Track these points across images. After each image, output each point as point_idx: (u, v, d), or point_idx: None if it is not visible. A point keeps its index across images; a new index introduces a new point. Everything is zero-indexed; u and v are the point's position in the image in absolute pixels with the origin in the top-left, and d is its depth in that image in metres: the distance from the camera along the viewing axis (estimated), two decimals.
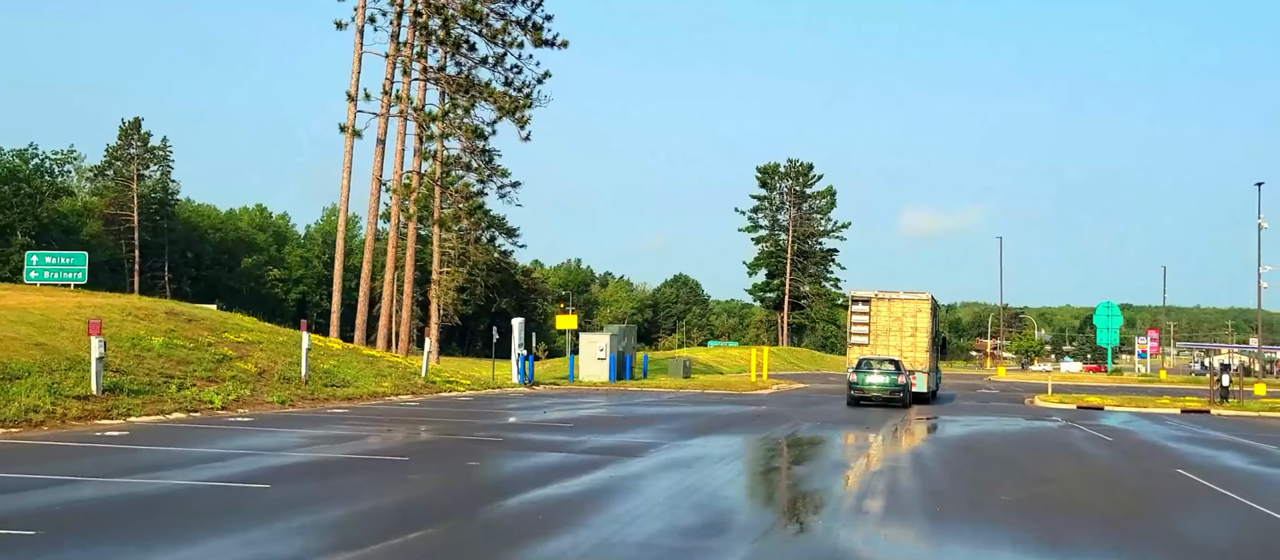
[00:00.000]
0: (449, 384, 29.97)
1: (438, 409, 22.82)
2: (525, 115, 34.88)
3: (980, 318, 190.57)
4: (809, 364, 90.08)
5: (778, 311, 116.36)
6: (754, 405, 28.47)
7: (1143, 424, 26.29)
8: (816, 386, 46.24)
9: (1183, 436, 21.94)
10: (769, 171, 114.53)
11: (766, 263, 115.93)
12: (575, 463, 13.86)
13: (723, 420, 22.13)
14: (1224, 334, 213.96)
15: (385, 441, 15.94)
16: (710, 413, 24.53)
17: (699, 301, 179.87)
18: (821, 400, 33.03)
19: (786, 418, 23.61)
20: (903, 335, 32.66)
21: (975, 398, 41.10)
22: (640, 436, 17.65)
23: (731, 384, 39.63)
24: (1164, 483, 13.98)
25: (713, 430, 19.37)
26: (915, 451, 16.81)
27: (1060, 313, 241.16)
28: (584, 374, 38.40)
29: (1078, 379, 77.29)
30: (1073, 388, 53.20)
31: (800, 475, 13.98)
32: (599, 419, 21.65)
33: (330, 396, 23.70)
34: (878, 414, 26.82)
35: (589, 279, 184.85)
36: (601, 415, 22.73)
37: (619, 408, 25.51)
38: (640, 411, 24.31)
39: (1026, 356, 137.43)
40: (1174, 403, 37.08)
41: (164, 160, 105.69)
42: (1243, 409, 34.89)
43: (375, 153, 34.79)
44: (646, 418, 22.23)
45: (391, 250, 37.09)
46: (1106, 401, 36.79)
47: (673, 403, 28.38)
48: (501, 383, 33.43)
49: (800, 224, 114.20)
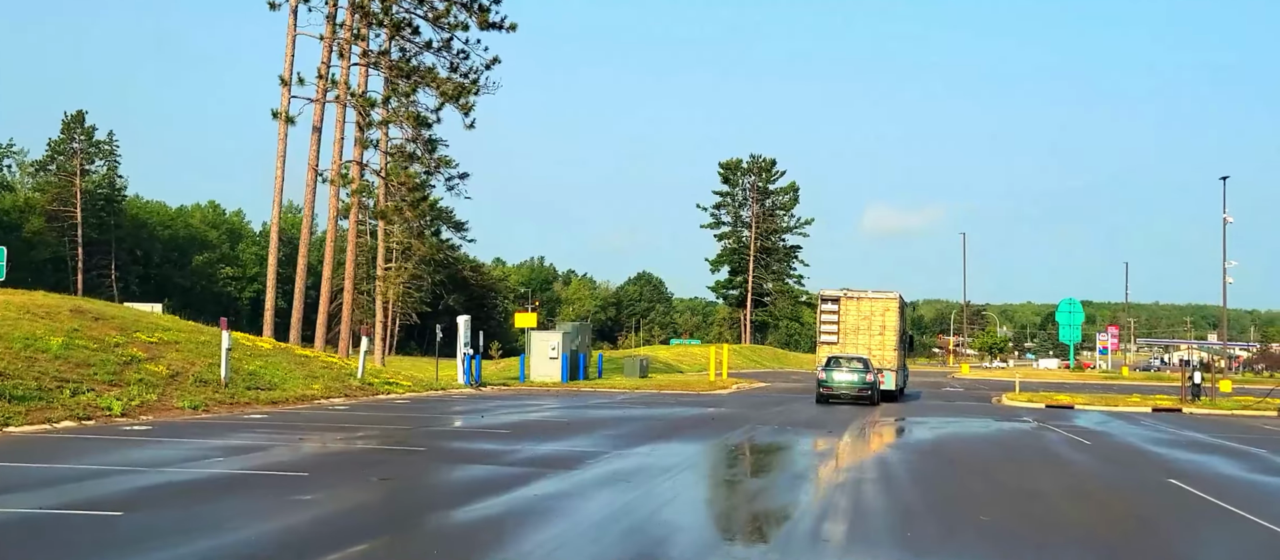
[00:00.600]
0: (388, 386, 28.14)
1: (367, 414, 21.03)
2: (469, 101, 33.06)
3: (942, 315, 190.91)
4: (771, 362, 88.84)
5: (740, 309, 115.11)
6: (710, 407, 26.94)
7: (1118, 425, 25.06)
8: (778, 385, 44.84)
9: (1164, 439, 20.66)
10: (732, 167, 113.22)
11: (729, 260, 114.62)
12: (501, 478, 12.21)
13: (675, 424, 20.55)
14: (1183, 330, 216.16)
15: (291, 453, 14.17)
16: (663, 415, 22.94)
17: (662, 299, 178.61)
18: (782, 400, 31.57)
19: (743, 420, 22.08)
20: (871, 334, 32.67)
21: (941, 396, 39.91)
22: (581, 445, 16.02)
23: (690, 383, 38.09)
24: (1159, 496, 12.56)
25: (662, 436, 17.77)
26: (881, 459, 15.30)
27: (1021, 310, 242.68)
28: (536, 374, 36.67)
29: (1041, 375, 76.62)
30: (1040, 385, 52.26)
31: (752, 491, 12.41)
32: (540, 424, 19.98)
33: (252, 400, 21.82)
34: (843, 414, 25.41)
35: (552, 277, 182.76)
36: (544, 420, 21.06)
37: (566, 411, 23.85)
38: (588, 415, 22.66)
39: (992, 353, 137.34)
40: (1145, 401, 36.06)
41: (110, 155, 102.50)
42: (1215, 407, 33.89)
43: (311, 141, 32.84)
44: (593, 422, 20.60)
45: (329, 245, 35.13)
46: (1076, 400, 35.67)
47: (625, 404, 26.77)
48: (446, 384, 31.63)
49: (763, 220, 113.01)
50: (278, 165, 31.82)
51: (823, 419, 23.56)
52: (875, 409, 28.98)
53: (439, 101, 33.18)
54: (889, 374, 32.12)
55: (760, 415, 24.28)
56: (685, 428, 19.78)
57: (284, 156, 31.91)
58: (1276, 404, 33.57)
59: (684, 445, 16.53)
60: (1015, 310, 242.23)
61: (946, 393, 44.51)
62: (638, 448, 15.68)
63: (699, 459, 14.71)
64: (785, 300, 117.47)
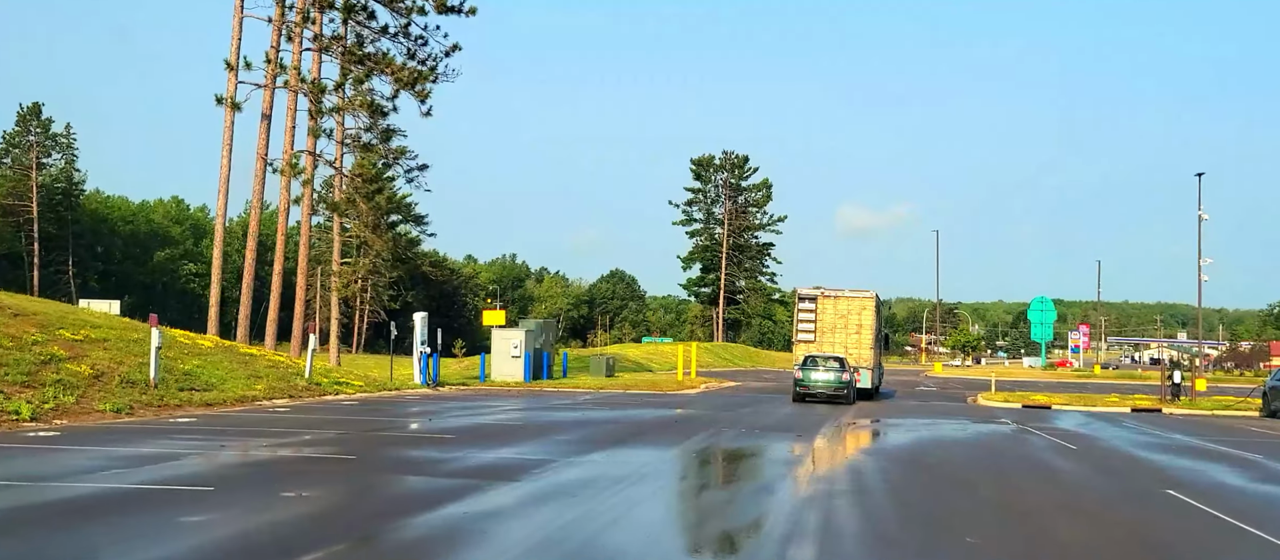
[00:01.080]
0: (338, 386, 26.67)
1: (306, 417, 19.59)
2: (425, 89, 31.59)
3: (915, 313, 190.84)
4: (743, 360, 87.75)
5: (713, 307, 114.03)
6: (676, 408, 25.68)
7: (1101, 427, 24.02)
8: (749, 384, 43.66)
9: (1152, 443, 19.60)
10: (704, 163, 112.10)
11: (701, 257, 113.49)
12: (430, 493, 10.89)
13: (636, 427, 19.26)
14: (1152, 329, 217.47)
15: (202, 464, 12.75)
16: (625, 418, 21.64)
17: (636, 297, 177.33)
18: (752, 401, 30.36)
19: (709, 423, 20.82)
20: (848, 332, 32.80)
21: (915, 396, 38.90)
22: (530, 451, 14.70)
23: (657, 383, 36.81)
24: (1160, 511, 11.40)
25: (620, 441, 16.48)
26: (855, 469, 14.08)
27: (992, 308, 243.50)
28: (497, 373, 35.26)
29: (1013, 374, 75.89)
30: (1015, 384, 51.41)
31: (710, 507, 11.15)
32: (491, 428, 18.63)
33: (183, 403, 20.32)
34: (815, 415, 24.24)
35: (524, 274, 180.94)
36: (497, 423, 19.71)
37: (523, 413, 22.50)
38: (544, 418, 21.33)
39: (965, 352, 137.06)
40: (1123, 401, 35.17)
41: (67, 148, 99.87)
42: (1195, 408, 33.04)
43: (260, 129, 31.20)
44: (548, 426, 19.27)
45: (280, 238, 33.53)
46: (1053, 400, 34.72)
47: (586, 405, 25.46)
48: (401, 384, 30.18)
49: (735, 217, 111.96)
50: (223, 154, 30.15)
51: (793, 421, 22.36)
52: (850, 408, 27.91)
53: (394, 88, 31.73)
54: (865, 372, 32.13)
55: (727, 417, 23.04)
56: (646, 432, 18.49)
57: (231, 145, 30.26)
58: (1258, 404, 32.74)
59: (641, 452, 15.24)
60: (986, 309, 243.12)
61: (920, 392, 43.54)
62: (591, 455, 14.38)
63: (655, 468, 13.42)
64: (758, 298, 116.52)
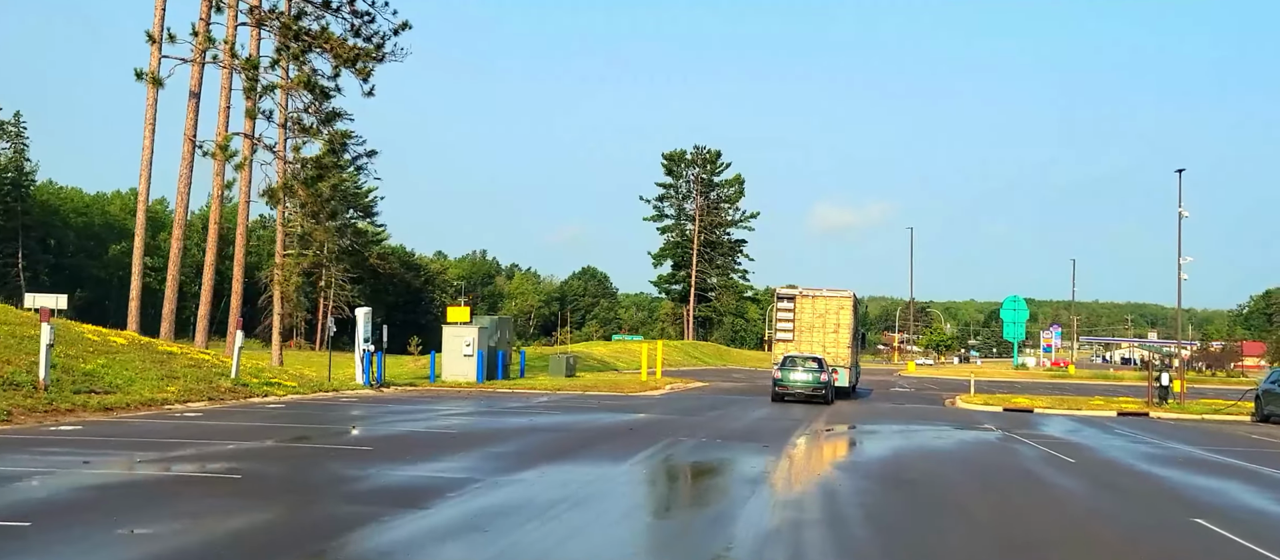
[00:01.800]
0: (268, 387, 24.46)
1: (216, 424, 17.43)
2: (368, 67, 29.36)
3: (887, 312, 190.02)
4: (714, 359, 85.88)
5: (684, 304, 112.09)
6: (636, 411, 23.69)
7: (1092, 434, 22.25)
8: (717, 385, 41.74)
9: (1156, 455, 17.80)
10: (675, 158, 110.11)
11: (672, 253, 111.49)
12: (312, 527, 8.86)
13: (585, 437, 17.24)
14: (1122, 328, 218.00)
15: (45, 487, 10.61)
16: (576, 425, 19.62)
17: (607, 294, 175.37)
18: (718, 403, 28.42)
19: (669, 430, 18.85)
20: (826, 331, 33.01)
21: (890, 397, 37.15)
22: (455, 468, 12.67)
23: (619, 384, 34.79)
24: (1195, 548, 9.51)
25: (563, 454, 14.46)
26: (829, 489, 12.13)
27: (965, 307, 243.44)
28: (449, 373, 33.10)
29: (982, 373, 74.27)
30: (990, 384, 49.87)
31: (655, 543, 9.17)
32: (420, 438, 16.56)
33: (78, 406, 18.08)
34: (787, 420, 22.34)
35: (495, 271, 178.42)
36: (430, 432, 17.64)
37: (465, 418, 20.42)
38: (486, 424, 19.27)
39: (940, 351, 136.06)
40: (1108, 404, 33.57)
41: (17, 137, 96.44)
42: (1184, 412, 31.47)
43: (187, 108, 28.83)
44: (488, 435, 17.22)
45: (213, 227, 31.24)
46: (1036, 403, 33.07)
47: (539, 409, 23.41)
48: (341, 385, 28.00)
49: (707, 213, 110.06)
50: (145, 134, 27.76)
51: (761, 427, 20.43)
52: (824, 412, 26.19)
53: (335, 66, 29.47)
54: (843, 371, 32.36)
55: (690, 422, 21.07)
56: (595, 441, 16.47)
57: (153, 124, 27.86)
58: (1249, 408, 31.20)
59: (584, 468, 13.23)
60: (959, 307, 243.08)
61: (895, 393, 41.81)
62: (524, 472, 12.36)
63: (596, 490, 11.41)
64: (730, 295, 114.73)
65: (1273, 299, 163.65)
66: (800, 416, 24.42)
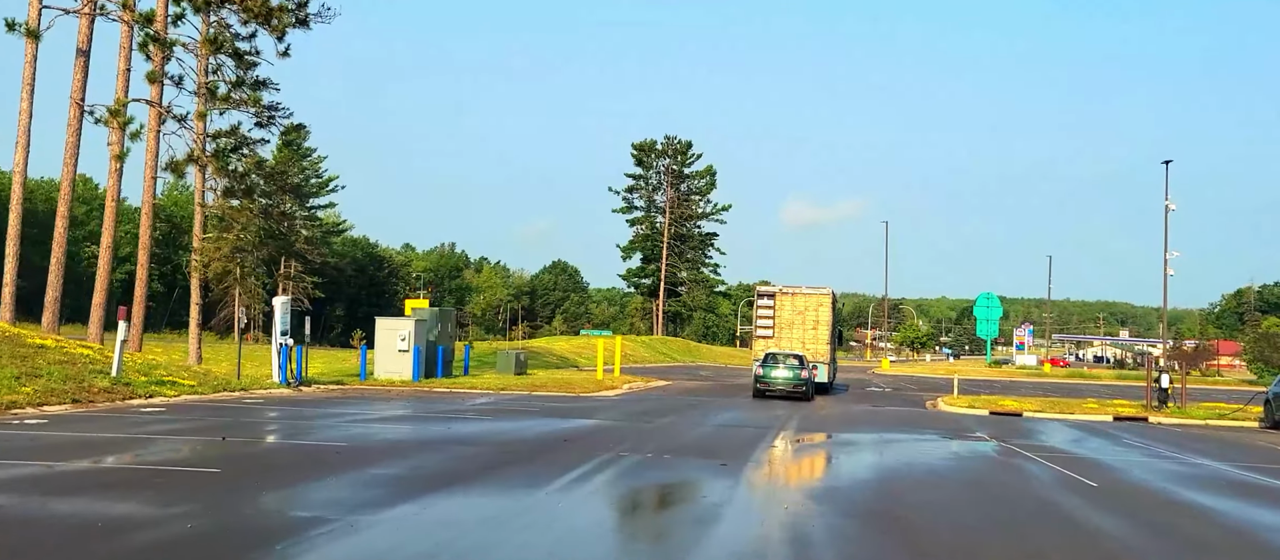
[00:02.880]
0: (157, 387, 21.20)
1: (56, 436, 14.24)
2: (282, 23, 26.06)
3: (860, 308, 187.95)
4: (683, 355, 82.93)
5: (653, 299, 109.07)
6: (583, 417, 20.65)
7: (1100, 445, 19.43)
8: (682, 384, 38.78)
9: (1189, 475, 14.95)
10: (645, 149, 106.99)
11: (642, 246, 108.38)
12: None
13: (506, 452, 14.17)
14: (1093, 327, 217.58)
15: None
16: (501, 435, 16.56)
17: (578, 289, 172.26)
18: (679, 406, 25.41)
19: (613, 441, 15.83)
20: (805, 328, 33.45)
21: (867, 398, 34.35)
22: (311, 499, 9.65)
23: (572, 383, 31.69)
24: None
25: (466, 478, 11.42)
26: (799, 534, 9.13)
27: (937, 304, 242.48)
28: (381, 370, 29.87)
29: (959, 371, 71.46)
30: (970, 384, 47.25)
31: None
32: (296, 454, 13.45)
33: None
34: (753, 427, 19.39)
35: (463, 264, 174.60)
36: (315, 446, 14.50)
37: (373, 426, 17.31)
38: (392, 435, 16.18)
39: (914, 348, 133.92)
40: (1102, 407, 30.89)
41: None
42: (1186, 416, 28.83)
43: (76, 68, 25.37)
44: (386, 449, 14.14)
45: (110, 204, 27.89)
46: (1024, 406, 30.33)
47: (468, 415, 20.32)
48: (252, 383, 24.76)
49: (677, 206, 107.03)
50: (23, 96, 24.10)
51: (723, 437, 17.46)
52: (798, 413, 23.48)
53: (245, 20, 26.17)
54: (821, 367, 32.82)
55: (641, 430, 18.06)
56: (514, 460, 13.41)
57: (32, 84, 24.32)
58: (1256, 413, 28.64)
59: (482, 500, 10.18)
60: (930, 305, 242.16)
61: (872, 393, 39.03)
62: (398, 507, 9.31)
63: (481, 539, 8.34)
64: (700, 290, 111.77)
65: (1244, 298, 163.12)
66: (768, 422, 21.48)
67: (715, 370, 60.55)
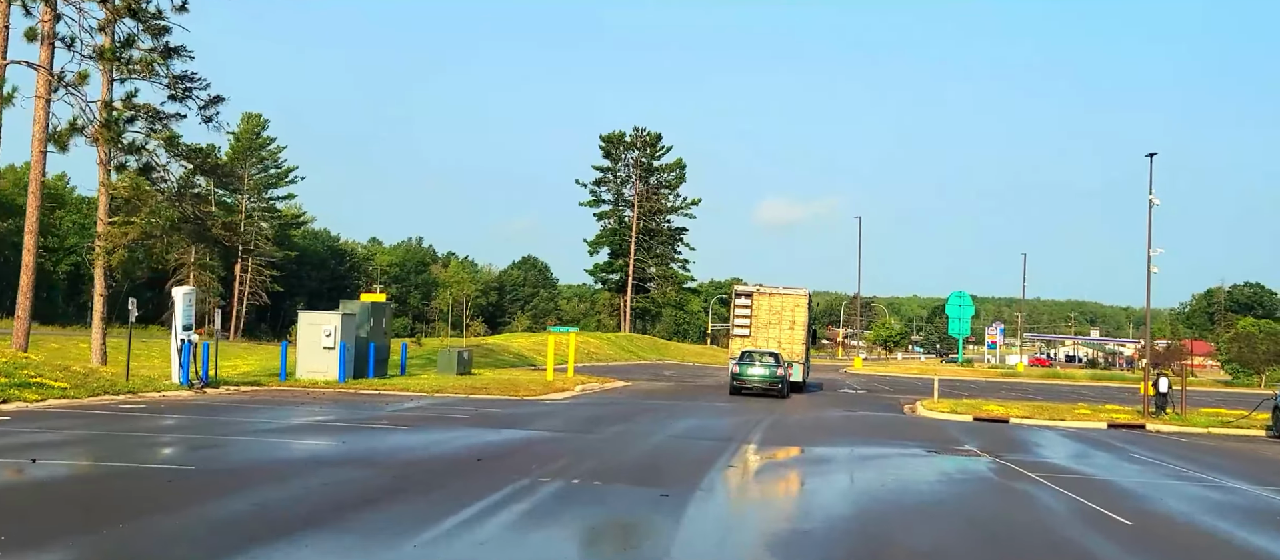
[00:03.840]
0: (18, 390, 18.19)
1: None
2: None
3: (831, 307, 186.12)
4: (650, 353, 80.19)
5: (621, 295, 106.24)
6: (516, 427, 17.87)
7: (1108, 462, 16.89)
8: (642, 384, 36.03)
9: (1230, 505, 12.38)
10: (614, 140, 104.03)
11: (610, 241, 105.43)
12: None
13: (404, 477, 11.36)
14: (1064, 326, 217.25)
15: None
16: (411, 451, 13.75)
17: (547, 285, 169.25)
18: (634, 411, 22.63)
19: (540, 461, 13.07)
20: (781, 328, 33.87)
21: (840, 400, 31.80)
22: None
23: (519, 384, 28.83)
24: None
25: (327, 518, 8.62)
26: None
27: (908, 303, 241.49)
28: (304, 370, 26.89)
29: (932, 370, 69.19)
30: (947, 385, 44.81)
31: None
32: (120, 482, 10.59)
33: None
34: (711, 438, 16.68)
35: (430, 258, 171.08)
36: (152, 471, 11.64)
37: (255, 441, 14.44)
38: (271, 451, 13.33)
39: (888, 347, 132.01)
40: (1094, 412, 28.46)
41: None
42: (1187, 424, 26.47)
43: None
44: (250, 471, 11.31)
45: (34, 188, 24.82)
46: (1010, 411, 27.85)
47: (383, 425, 17.47)
48: (145, 385, 21.76)
49: (646, 199, 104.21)
50: None
51: (673, 453, 14.74)
52: (766, 419, 20.84)
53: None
54: (797, 366, 33.27)
55: (578, 444, 15.31)
56: (405, 489, 10.60)
57: None
58: (1263, 420, 26.33)
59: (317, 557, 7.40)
60: (902, 303, 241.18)
61: (846, 395, 36.45)
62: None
63: None
64: (669, 286, 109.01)
65: (1214, 298, 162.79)
66: (730, 431, 18.80)
67: (682, 369, 57.89)
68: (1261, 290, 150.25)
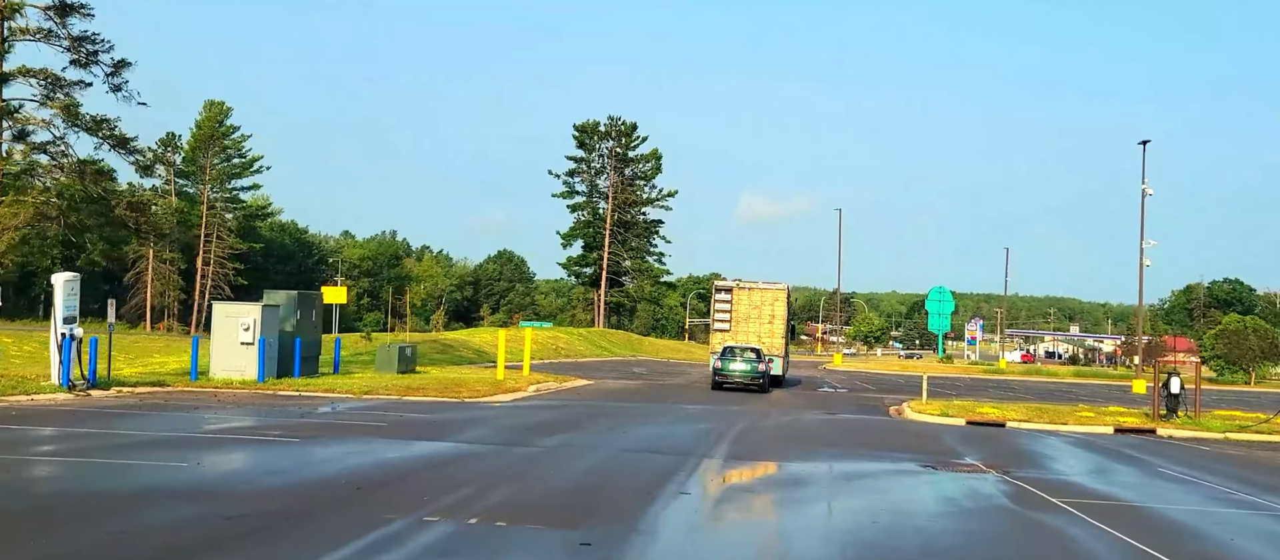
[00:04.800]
0: None
1: None
2: None
3: (810, 302, 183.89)
4: (623, 349, 77.32)
5: (595, 289, 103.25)
6: (436, 439, 15.03)
7: (1135, 478, 14.20)
8: (606, 384, 33.20)
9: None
10: (588, 130, 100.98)
11: (583, 233, 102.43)
12: None
13: (251, 514, 8.51)
14: (1042, 322, 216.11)
15: None
16: (284, 474, 10.90)
17: (524, 279, 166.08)
18: (584, 417, 19.76)
19: (444, 487, 10.25)
20: (761, 322, 34.07)
21: (821, 402, 29.00)
22: None
23: (463, 384, 25.86)
24: None
25: None
26: None
27: (886, 298, 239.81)
28: (219, 368, 23.87)
29: (913, 368, 66.37)
30: (934, 383, 42.21)
31: None
32: None
33: None
34: (668, 454, 13.87)
35: (404, 252, 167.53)
36: None
37: (97, 463, 11.54)
38: (103, 477, 10.46)
39: (868, 343, 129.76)
40: (1098, 416, 25.83)
41: None
42: (1202, 428, 23.89)
43: None
44: (39, 509, 8.43)
45: None
46: (1006, 414, 25.17)
47: (275, 437, 14.59)
48: (16, 387, 18.76)
49: (621, 190, 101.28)
50: None
51: (612, 480, 11.95)
52: (734, 426, 17.98)
53: None
54: (776, 360, 33.54)
55: (501, 464, 12.48)
56: (234, 537, 7.74)
57: None
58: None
59: None
60: (881, 299, 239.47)
61: (825, 394, 33.72)
62: None
63: None
64: (645, 280, 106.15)
65: (1193, 295, 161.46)
66: (691, 444, 16.02)
67: (654, 366, 55.11)
68: (1240, 286, 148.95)
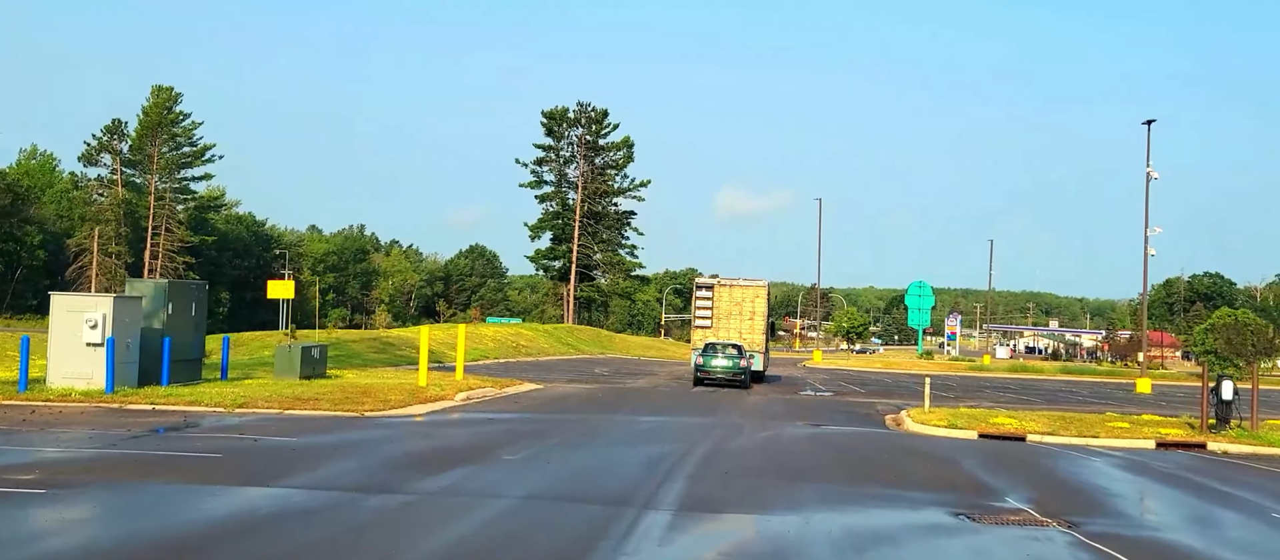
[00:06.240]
0: None
1: None
2: None
3: (788, 297, 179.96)
4: (591, 346, 72.76)
5: (564, 283, 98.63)
6: (267, 482, 10.61)
7: (1255, 532, 9.95)
8: (558, 387, 28.74)
9: None
10: (556, 117, 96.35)
11: (552, 225, 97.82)
12: None
13: None
14: (1020, 317, 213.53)
15: None
16: None
17: (496, 274, 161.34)
18: (500, 441, 15.23)
19: None
20: (742, 318, 34.09)
21: (804, 408, 24.49)
22: None
23: (371, 394, 21.12)
24: None
25: None
26: None
27: (865, 294, 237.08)
28: (60, 373, 19.12)
29: (898, 366, 61.93)
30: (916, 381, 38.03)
31: None
32: None
33: None
34: (598, 504, 9.42)
35: (372, 247, 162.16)
36: None
37: None
38: None
39: (850, 339, 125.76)
40: (1135, 426, 21.61)
41: None
42: (1264, 442, 19.73)
43: None
44: None
45: None
46: (1025, 425, 20.88)
47: (15, 485, 10.09)
48: None
49: (592, 180, 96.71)
50: None
51: (514, 540, 7.59)
52: (697, 449, 13.64)
53: None
54: (757, 356, 33.61)
55: (318, 544, 8.10)
56: None
57: None
58: None
59: None
60: (859, 294, 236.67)
61: (808, 398, 29.19)
62: None
63: None
64: (617, 274, 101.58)
65: (1173, 289, 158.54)
66: (636, 479, 11.65)
67: (620, 364, 50.71)
68: (1221, 280, 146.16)
